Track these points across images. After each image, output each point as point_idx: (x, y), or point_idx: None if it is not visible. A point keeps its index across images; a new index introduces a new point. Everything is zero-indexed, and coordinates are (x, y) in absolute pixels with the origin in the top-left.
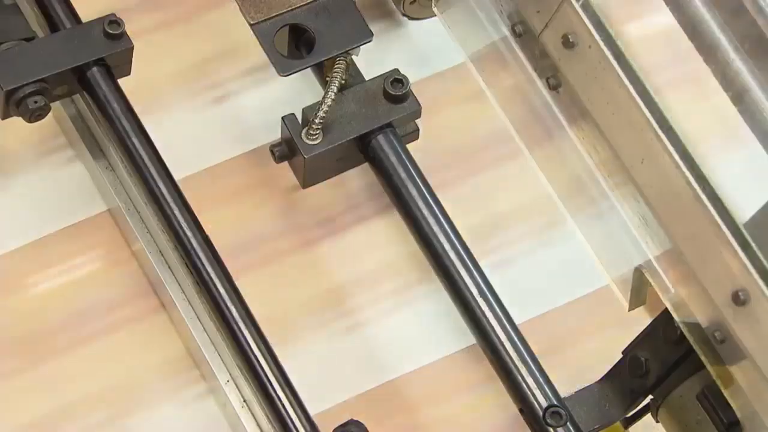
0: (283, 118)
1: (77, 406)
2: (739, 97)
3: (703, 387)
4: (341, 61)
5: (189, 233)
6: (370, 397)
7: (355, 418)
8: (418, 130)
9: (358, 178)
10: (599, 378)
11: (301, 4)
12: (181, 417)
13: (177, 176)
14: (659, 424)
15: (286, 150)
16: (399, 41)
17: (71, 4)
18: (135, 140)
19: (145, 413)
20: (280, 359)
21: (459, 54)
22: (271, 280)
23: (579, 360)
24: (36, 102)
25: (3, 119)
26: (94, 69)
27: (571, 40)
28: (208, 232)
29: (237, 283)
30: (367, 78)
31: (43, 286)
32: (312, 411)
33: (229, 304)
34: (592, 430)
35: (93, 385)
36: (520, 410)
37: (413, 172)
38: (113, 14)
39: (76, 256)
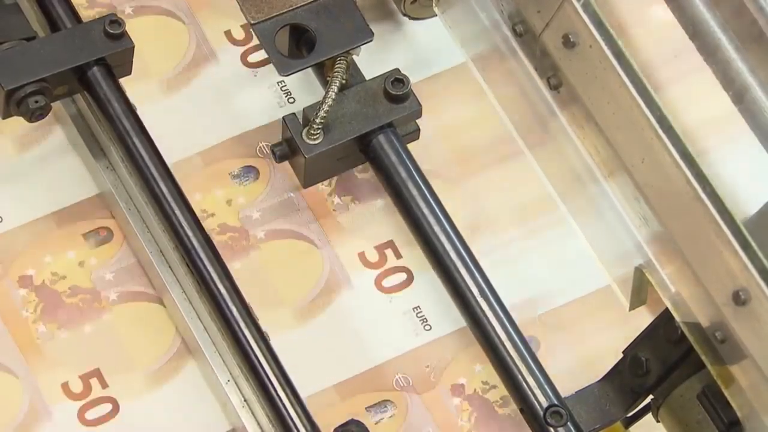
0: (283, 117)
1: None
2: (739, 96)
3: (703, 387)
4: (342, 61)
5: (189, 233)
6: (355, 384)
7: (355, 418)
8: (418, 129)
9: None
10: (600, 378)
11: (302, 3)
12: (182, 416)
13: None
14: (659, 424)
15: (286, 149)
16: (399, 41)
17: (72, 3)
18: (136, 140)
19: (144, 412)
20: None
21: (459, 54)
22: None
23: (579, 360)
24: (37, 102)
25: (3, 119)
26: (95, 68)
27: (571, 39)
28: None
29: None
30: (367, 78)
31: (43, 285)
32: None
33: (230, 303)
34: (592, 430)
35: None
36: (521, 410)
37: (413, 171)
38: (113, 14)
39: (76, 255)
